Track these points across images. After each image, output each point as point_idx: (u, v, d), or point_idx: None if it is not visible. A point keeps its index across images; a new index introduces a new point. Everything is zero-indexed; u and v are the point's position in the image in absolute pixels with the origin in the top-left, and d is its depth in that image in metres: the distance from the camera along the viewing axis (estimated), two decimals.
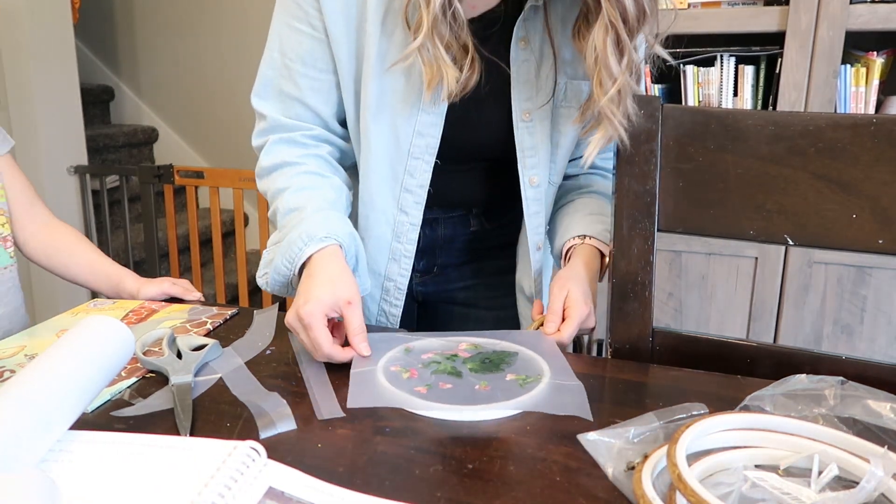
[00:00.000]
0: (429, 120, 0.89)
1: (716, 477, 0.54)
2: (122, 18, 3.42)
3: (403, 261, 0.97)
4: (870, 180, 0.77)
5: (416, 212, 0.94)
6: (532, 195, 0.95)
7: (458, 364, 0.76)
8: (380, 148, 0.91)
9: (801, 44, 1.62)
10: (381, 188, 0.93)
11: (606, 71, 0.79)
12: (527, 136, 0.92)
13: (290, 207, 0.87)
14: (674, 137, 0.83)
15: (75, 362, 0.61)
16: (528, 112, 0.91)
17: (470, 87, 0.85)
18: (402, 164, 0.92)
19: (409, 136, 0.90)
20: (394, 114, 0.89)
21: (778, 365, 0.81)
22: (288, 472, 0.55)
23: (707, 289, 1.77)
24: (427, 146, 0.90)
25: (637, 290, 0.86)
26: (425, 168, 0.92)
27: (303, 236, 0.82)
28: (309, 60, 0.89)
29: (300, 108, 0.91)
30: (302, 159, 0.91)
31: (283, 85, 0.91)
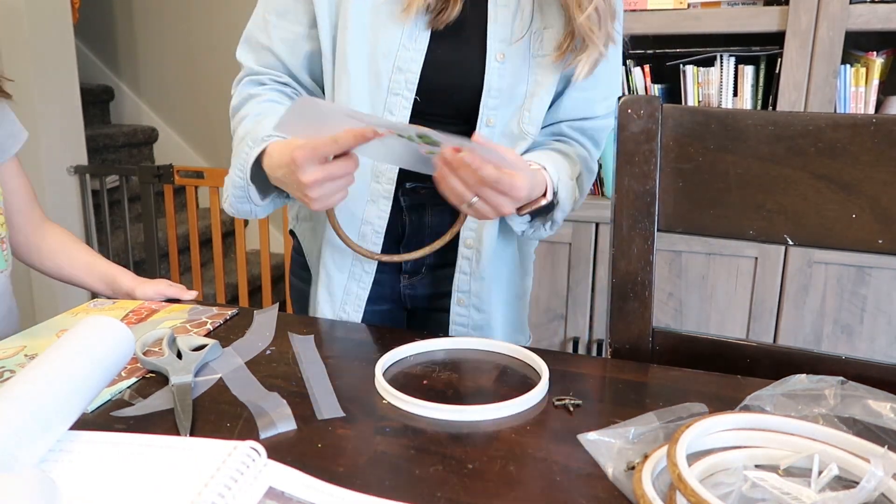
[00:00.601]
0: (408, 55, 0.90)
1: (716, 477, 0.54)
2: (122, 18, 3.42)
3: (381, 202, 0.96)
4: (870, 180, 0.77)
5: None
6: (486, 134, 0.94)
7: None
8: (359, 84, 0.92)
9: (800, 44, 1.62)
10: None
11: None
12: (496, 77, 0.92)
13: (247, 129, 0.90)
14: (674, 137, 0.83)
15: (75, 362, 0.61)
16: (501, 53, 0.91)
17: (452, 17, 0.88)
18: (381, 100, 0.92)
19: (388, 71, 0.91)
20: (373, 50, 0.90)
21: (778, 365, 0.81)
22: (288, 472, 0.55)
23: (707, 289, 1.77)
24: (406, 81, 0.91)
25: (637, 289, 0.86)
26: (405, 104, 0.92)
27: (248, 142, 0.86)
28: (282, 12, 0.94)
29: (269, 56, 0.96)
30: (263, 91, 0.95)
31: (258, 36, 0.96)
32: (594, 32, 0.88)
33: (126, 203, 2.61)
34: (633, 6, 1.72)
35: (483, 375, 0.75)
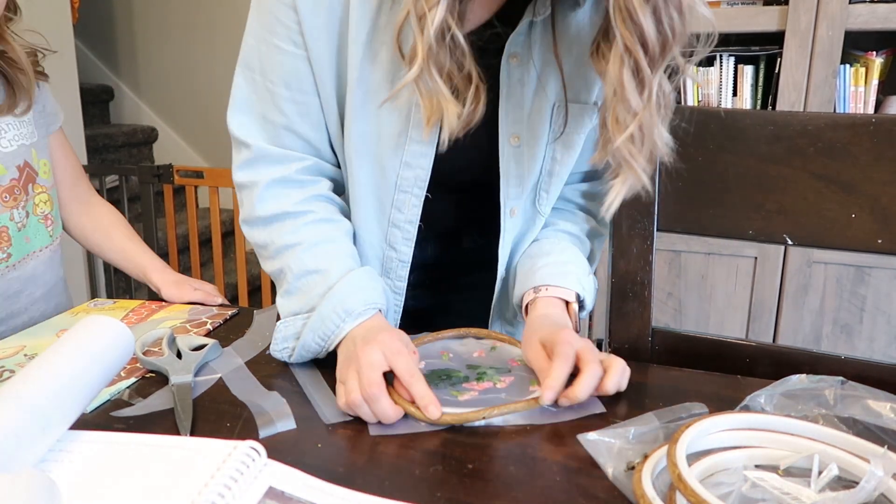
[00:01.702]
0: (418, 150, 0.79)
1: (716, 477, 0.54)
2: (122, 18, 3.42)
3: (394, 297, 0.88)
4: (869, 180, 0.77)
5: (405, 248, 0.85)
6: (510, 226, 0.86)
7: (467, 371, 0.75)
8: (365, 179, 0.82)
9: (800, 43, 1.62)
10: (369, 222, 0.84)
11: (624, 105, 0.66)
12: (513, 162, 0.82)
13: (308, 269, 0.77)
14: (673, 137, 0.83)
15: (75, 362, 0.61)
16: (516, 136, 0.81)
17: (475, 122, 0.73)
18: (388, 197, 0.82)
19: (395, 167, 0.80)
20: (380, 145, 0.80)
21: (777, 365, 0.81)
22: (288, 472, 0.55)
23: (706, 288, 1.77)
24: (416, 178, 0.80)
25: (636, 289, 0.86)
26: (415, 203, 0.82)
27: (339, 311, 0.73)
28: (294, 83, 0.78)
29: (289, 136, 0.80)
30: (305, 205, 0.79)
31: (266, 112, 0.79)
32: (634, 157, 0.69)
33: (126, 203, 2.61)
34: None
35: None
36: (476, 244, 0.95)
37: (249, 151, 0.80)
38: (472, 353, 0.79)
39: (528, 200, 0.86)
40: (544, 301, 0.81)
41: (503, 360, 0.78)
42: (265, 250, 0.81)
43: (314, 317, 0.74)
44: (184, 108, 3.39)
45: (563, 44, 0.77)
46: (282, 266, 0.79)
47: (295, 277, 0.77)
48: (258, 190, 0.80)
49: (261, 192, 0.79)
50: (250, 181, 0.80)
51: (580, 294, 0.82)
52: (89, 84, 3.30)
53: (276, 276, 0.81)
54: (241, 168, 0.81)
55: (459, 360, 0.78)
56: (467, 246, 0.96)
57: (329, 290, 0.75)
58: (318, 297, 0.75)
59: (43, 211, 0.99)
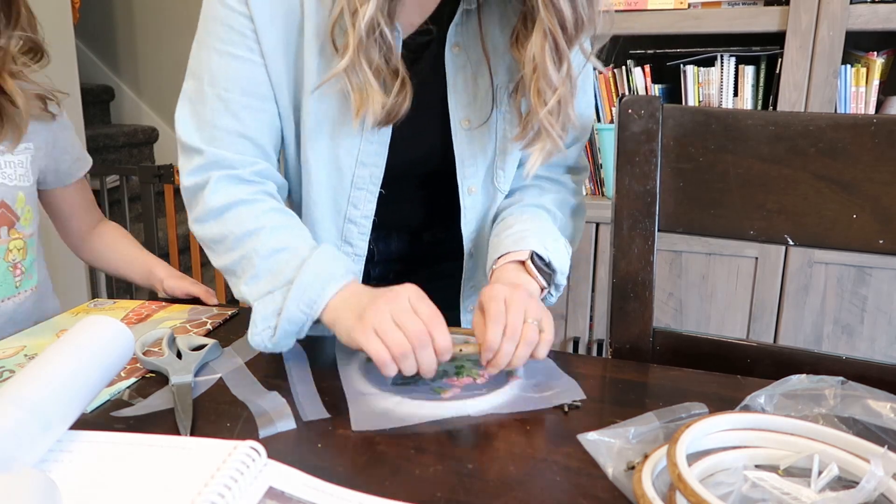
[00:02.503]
0: (371, 149, 0.84)
1: (716, 477, 0.54)
2: (122, 18, 3.42)
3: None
4: (870, 180, 0.77)
5: (361, 243, 0.90)
6: (470, 204, 0.90)
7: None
8: (321, 178, 0.85)
9: (801, 44, 1.62)
10: (324, 219, 0.88)
11: (545, 80, 0.76)
12: (466, 144, 0.87)
13: (275, 248, 0.76)
14: (674, 137, 0.83)
15: (75, 362, 0.61)
16: (467, 119, 0.86)
17: (402, 113, 0.79)
18: (344, 195, 0.86)
19: (351, 166, 0.85)
20: (334, 143, 0.83)
21: (778, 365, 0.81)
22: (288, 472, 0.55)
23: (707, 289, 1.77)
24: (371, 176, 0.86)
25: (637, 289, 0.86)
26: (369, 199, 0.87)
27: (320, 277, 0.73)
28: (249, 89, 0.79)
29: (242, 142, 0.80)
30: (257, 196, 0.81)
31: (218, 120, 0.79)
32: (553, 126, 0.79)
33: (126, 203, 2.61)
34: (633, 6, 1.72)
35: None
36: (436, 238, 0.99)
37: (202, 157, 0.80)
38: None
39: (487, 179, 0.90)
40: (500, 269, 0.83)
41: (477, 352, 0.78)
42: (221, 244, 0.80)
43: (295, 287, 0.73)
44: None
45: (490, 32, 0.83)
46: (244, 252, 0.77)
47: (262, 259, 0.76)
48: (210, 184, 0.79)
49: (213, 185, 0.79)
50: (202, 180, 0.80)
51: (540, 253, 0.82)
52: (90, 84, 3.30)
53: (235, 266, 0.78)
54: (191, 174, 0.81)
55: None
56: (428, 240, 1.00)
57: (304, 261, 0.74)
58: (294, 270, 0.74)
59: (14, 259, 0.97)
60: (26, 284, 1.00)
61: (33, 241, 1.00)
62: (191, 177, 0.81)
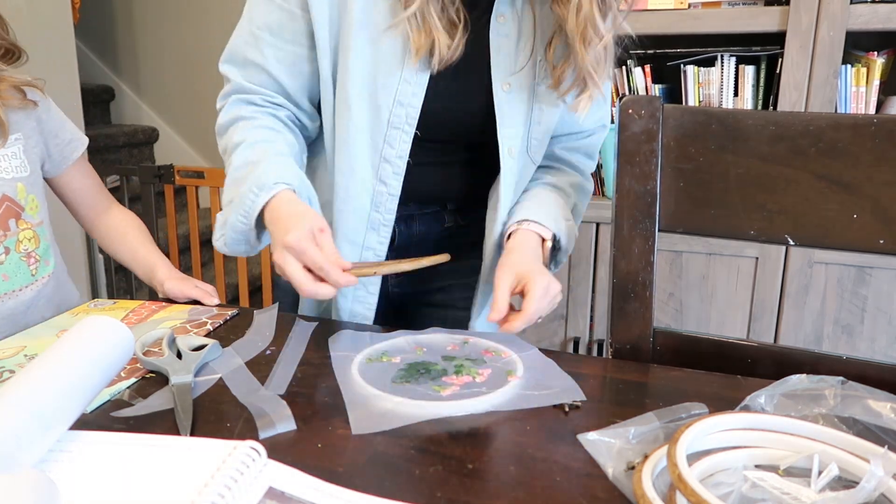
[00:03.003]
0: (409, 90, 0.89)
1: (716, 477, 0.54)
2: (122, 18, 3.42)
3: (382, 230, 0.95)
4: (870, 180, 0.77)
5: (395, 182, 0.93)
6: (509, 166, 0.94)
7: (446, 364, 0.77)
8: (360, 117, 0.90)
9: (801, 44, 1.62)
10: (361, 157, 0.92)
11: (593, 28, 0.83)
12: (506, 105, 0.92)
13: (244, 161, 0.86)
14: (674, 137, 0.83)
15: (75, 362, 0.61)
16: (507, 83, 0.91)
17: (456, 57, 0.86)
18: (381, 133, 0.91)
19: (388, 105, 0.89)
20: (374, 82, 0.89)
21: (778, 365, 0.81)
22: (288, 472, 0.55)
23: (707, 289, 1.77)
24: (407, 116, 0.90)
25: (638, 290, 0.86)
26: (405, 139, 0.91)
27: (253, 188, 0.81)
28: (276, 30, 0.89)
29: (263, 75, 0.91)
30: (257, 114, 0.91)
31: (248, 52, 0.91)
32: (597, 73, 0.87)
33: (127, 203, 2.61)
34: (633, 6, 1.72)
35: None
36: (458, 224, 1.04)
37: (230, 85, 0.93)
38: (445, 346, 0.81)
39: (523, 148, 0.96)
40: (524, 233, 0.91)
41: (477, 351, 0.80)
42: (224, 156, 0.91)
43: (236, 198, 0.82)
44: (184, 108, 3.40)
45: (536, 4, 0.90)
46: (227, 163, 0.89)
47: (233, 170, 0.86)
48: (225, 106, 0.92)
49: (227, 106, 0.92)
50: (223, 103, 0.93)
51: (556, 234, 0.92)
52: (90, 84, 3.31)
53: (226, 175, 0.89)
54: (220, 97, 0.94)
55: (434, 352, 0.79)
56: (450, 224, 1.03)
57: (250, 173, 0.83)
58: (242, 182, 0.83)
59: (26, 248, 0.98)
60: (43, 271, 1.01)
61: (43, 228, 1.01)
62: (220, 101, 0.94)
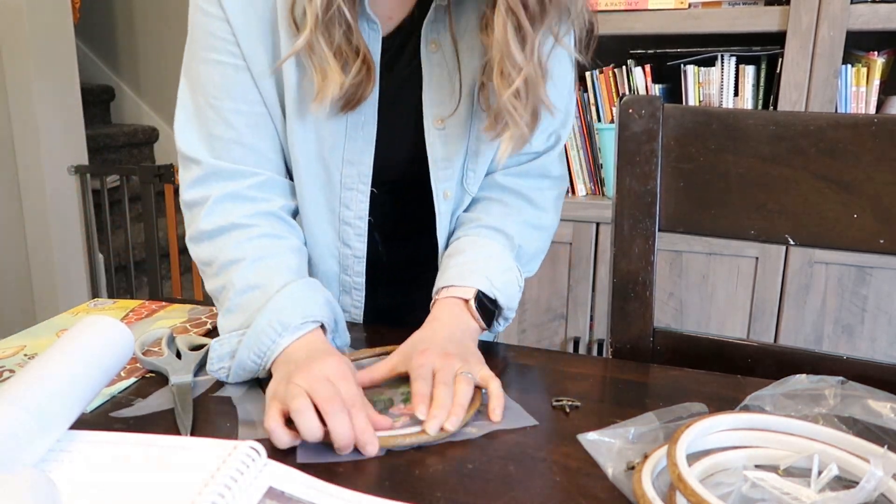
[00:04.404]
0: (357, 147, 0.82)
1: (716, 477, 0.54)
2: (122, 18, 3.43)
3: (355, 293, 0.91)
4: (871, 180, 0.77)
5: (358, 244, 0.87)
6: (445, 209, 0.87)
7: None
8: (311, 180, 0.83)
9: (801, 44, 1.62)
10: (321, 223, 0.86)
11: (510, 60, 0.73)
12: (440, 145, 0.84)
13: (250, 285, 0.74)
14: (675, 137, 0.83)
15: (75, 362, 0.61)
16: (440, 119, 0.83)
17: (365, 97, 0.78)
18: (336, 196, 0.84)
19: (338, 166, 0.83)
20: (318, 140, 0.81)
21: (778, 365, 0.81)
22: (288, 472, 0.55)
23: (708, 288, 1.77)
24: (360, 174, 0.84)
25: (638, 289, 0.86)
26: (361, 199, 0.85)
27: (274, 325, 0.70)
28: (237, 94, 0.78)
29: (239, 150, 0.79)
30: (252, 220, 0.78)
31: (213, 129, 0.79)
32: (517, 110, 0.76)
33: (127, 203, 2.61)
34: (633, 6, 1.72)
35: None
36: (419, 243, 0.94)
37: (200, 168, 0.79)
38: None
39: (457, 181, 0.87)
40: (439, 304, 0.79)
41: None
42: (210, 267, 0.79)
43: (249, 332, 0.71)
44: None
45: (462, 26, 0.81)
46: (224, 283, 0.76)
47: (236, 294, 0.75)
48: (208, 204, 0.78)
49: (210, 206, 0.78)
50: (201, 197, 0.79)
51: (487, 291, 0.79)
52: (90, 84, 3.31)
53: (217, 294, 0.78)
54: (191, 186, 0.80)
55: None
56: (413, 244, 0.95)
57: (266, 302, 0.72)
58: (255, 312, 0.72)
59: None
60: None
61: None
62: (190, 190, 0.80)
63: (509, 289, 0.82)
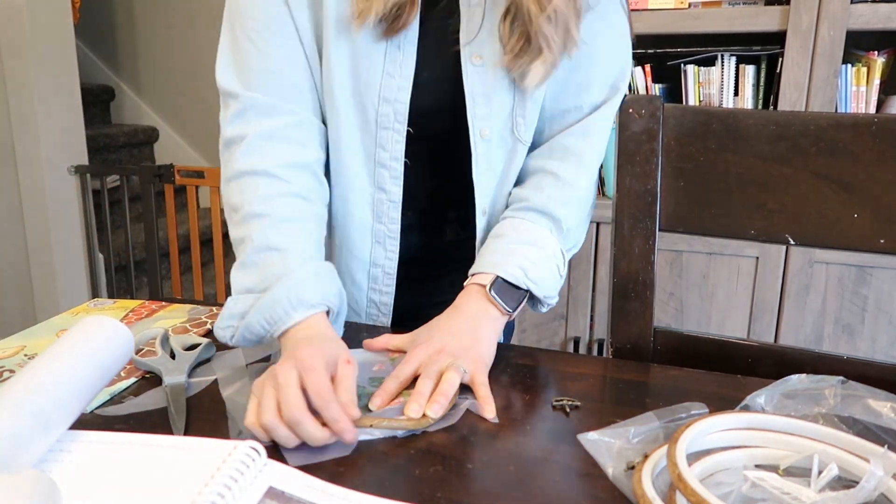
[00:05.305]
0: (394, 84, 0.81)
1: (716, 477, 0.54)
2: (122, 18, 3.42)
3: (389, 242, 0.88)
4: (871, 180, 0.77)
5: (395, 188, 0.85)
6: (482, 150, 0.85)
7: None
8: (347, 120, 0.82)
9: (801, 43, 1.62)
10: (356, 166, 0.85)
11: None
12: (477, 80, 0.82)
13: (270, 245, 0.75)
14: (675, 137, 0.83)
15: (74, 362, 0.61)
16: (478, 55, 0.81)
17: (408, 23, 0.77)
18: (371, 136, 0.83)
19: (374, 103, 0.81)
20: (357, 80, 0.81)
21: (779, 365, 0.81)
22: (288, 472, 0.55)
23: (708, 288, 1.77)
24: (396, 113, 0.82)
25: (638, 289, 0.86)
26: (397, 139, 0.83)
27: (292, 298, 0.71)
28: (275, 27, 0.79)
29: (276, 81, 0.80)
30: (287, 172, 0.78)
31: (251, 60, 0.79)
32: (552, 37, 0.77)
33: (127, 203, 2.61)
34: (633, 6, 1.72)
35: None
36: (458, 237, 0.95)
37: (238, 102, 0.79)
38: (371, 367, 0.75)
39: (506, 128, 0.85)
40: (463, 292, 0.80)
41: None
42: (236, 213, 0.78)
43: (265, 298, 0.71)
44: (185, 108, 3.40)
45: None
46: (246, 234, 0.76)
47: (255, 250, 0.75)
48: (246, 141, 0.78)
49: (248, 143, 0.78)
50: (240, 134, 0.79)
51: (518, 282, 0.79)
52: (90, 84, 3.31)
53: (237, 245, 0.78)
54: (230, 122, 0.80)
55: (360, 375, 0.71)
56: (449, 239, 0.96)
57: (287, 272, 0.73)
58: (275, 279, 0.73)
59: None
60: None
61: None
62: (229, 126, 0.80)
63: (545, 280, 0.81)
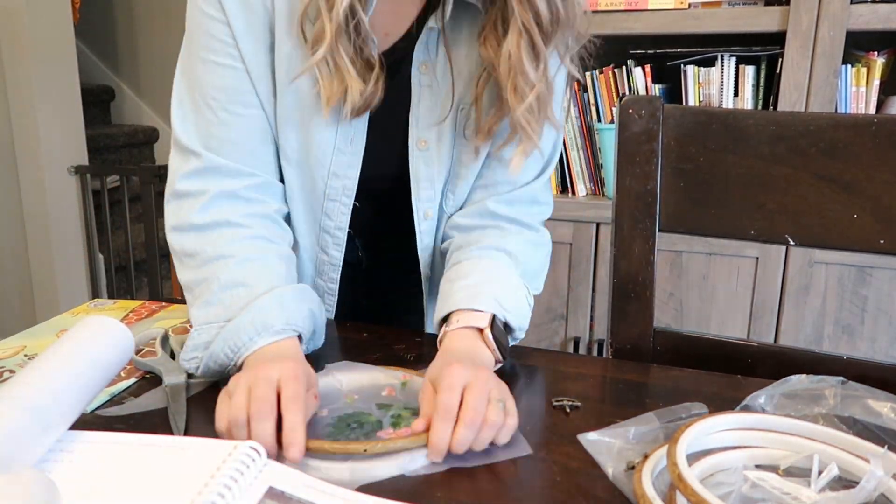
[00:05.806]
0: (345, 161, 0.83)
1: (716, 477, 0.54)
2: (122, 18, 3.43)
3: (328, 297, 0.92)
4: (871, 180, 0.77)
5: (336, 253, 0.89)
6: (426, 228, 0.89)
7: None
8: (297, 186, 0.84)
9: (801, 44, 1.62)
10: (301, 226, 0.87)
11: (523, 78, 0.75)
12: (422, 165, 0.85)
13: (235, 281, 0.74)
14: (675, 137, 0.83)
15: (75, 362, 0.61)
16: (424, 140, 0.84)
17: (375, 103, 0.78)
18: (318, 205, 0.86)
19: (323, 177, 0.83)
20: (308, 152, 0.82)
21: (779, 365, 0.81)
22: (288, 472, 0.55)
23: (708, 289, 1.77)
24: (344, 188, 0.84)
25: (638, 290, 0.86)
26: (343, 210, 0.86)
27: (256, 324, 0.70)
28: (236, 97, 0.78)
29: (237, 151, 0.79)
30: (247, 220, 0.78)
31: (211, 129, 0.78)
32: (530, 125, 0.77)
33: (127, 203, 2.61)
34: (633, 6, 1.72)
35: None
36: (399, 254, 0.94)
37: (199, 161, 0.78)
38: (380, 392, 0.71)
39: (437, 202, 0.89)
40: (452, 335, 0.75)
41: (417, 395, 0.68)
42: (193, 259, 0.77)
43: (229, 326, 0.71)
44: None
45: (458, 47, 0.81)
46: (207, 276, 0.75)
47: (220, 288, 0.74)
48: (205, 198, 0.77)
49: (208, 200, 0.77)
50: (198, 190, 0.78)
51: (501, 315, 0.77)
52: (90, 84, 3.31)
53: (195, 286, 0.76)
54: (188, 177, 0.79)
55: (367, 399, 0.69)
56: (391, 254, 0.96)
57: (252, 300, 0.72)
58: (239, 309, 0.72)
59: None
60: None
61: None
62: (186, 181, 0.79)
63: (520, 309, 0.80)
